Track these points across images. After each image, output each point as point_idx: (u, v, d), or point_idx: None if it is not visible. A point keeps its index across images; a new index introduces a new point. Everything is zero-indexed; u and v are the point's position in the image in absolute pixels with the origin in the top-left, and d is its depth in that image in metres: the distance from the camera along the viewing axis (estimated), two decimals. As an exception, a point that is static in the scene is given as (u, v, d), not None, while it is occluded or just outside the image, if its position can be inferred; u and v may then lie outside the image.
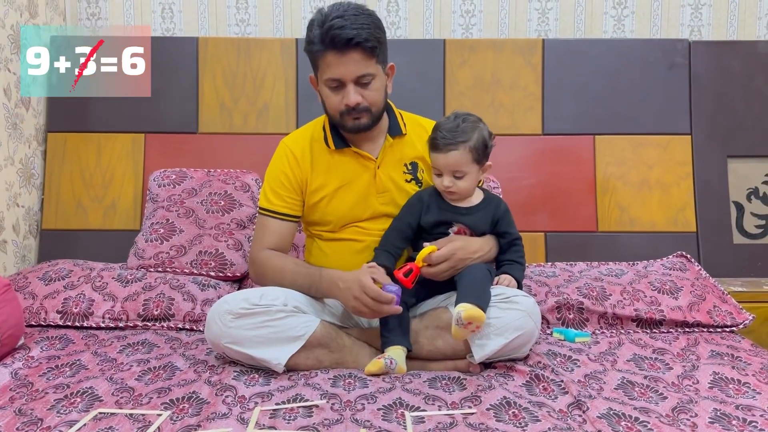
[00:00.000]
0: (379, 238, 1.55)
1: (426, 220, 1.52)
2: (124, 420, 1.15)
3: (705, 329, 1.72)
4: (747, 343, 1.61)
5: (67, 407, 1.22)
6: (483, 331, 1.36)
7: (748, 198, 2.30)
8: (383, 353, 1.40)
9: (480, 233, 1.53)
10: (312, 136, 1.62)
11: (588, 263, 2.00)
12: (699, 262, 2.15)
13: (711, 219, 2.24)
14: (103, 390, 1.30)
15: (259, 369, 1.39)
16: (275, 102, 2.30)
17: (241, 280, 1.97)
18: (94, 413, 1.18)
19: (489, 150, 1.50)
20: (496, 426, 1.13)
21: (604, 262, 2.03)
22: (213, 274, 1.90)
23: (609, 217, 2.25)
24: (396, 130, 1.61)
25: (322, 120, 1.64)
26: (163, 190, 2.07)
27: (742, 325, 1.72)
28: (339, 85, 1.48)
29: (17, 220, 2.11)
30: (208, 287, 1.82)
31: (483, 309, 1.33)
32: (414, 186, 1.60)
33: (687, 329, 1.72)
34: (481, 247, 1.50)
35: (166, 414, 1.17)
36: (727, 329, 1.72)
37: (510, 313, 1.37)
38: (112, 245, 2.15)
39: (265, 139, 2.18)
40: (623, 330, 1.71)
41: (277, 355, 1.37)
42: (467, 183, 1.49)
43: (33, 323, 1.70)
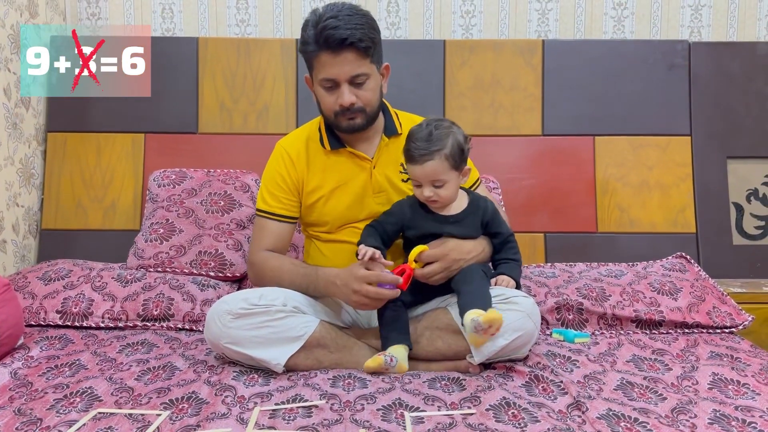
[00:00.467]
0: None
1: (412, 234, 1.49)
2: (123, 420, 1.15)
3: (704, 330, 1.71)
4: (746, 344, 1.61)
5: (67, 407, 1.22)
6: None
7: (747, 199, 2.30)
8: (384, 352, 1.40)
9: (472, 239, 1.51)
10: (308, 137, 1.62)
11: (588, 264, 1.99)
12: (699, 263, 2.15)
13: (711, 220, 2.24)
14: (103, 390, 1.30)
15: (259, 369, 1.39)
16: (275, 102, 2.30)
17: (241, 280, 1.97)
18: (93, 413, 1.18)
19: (466, 154, 1.45)
20: (495, 426, 1.13)
21: (603, 263, 2.03)
22: (212, 274, 1.90)
23: (609, 218, 2.25)
24: (392, 129, 1.61)
25: (317, 121, 1.64)
26: (163, 190, 2.07)
27: (741, 326, 1.72)
28: (333, 86, 1.48)
29: (17, 219, 2.11)
30: (207, 287, 1.82)
31: None
32: (410, 185, 1.59)
33: (686, 330, 1.71)
34: (474, 248, 1.49)
35: (165, 414, 1.17)
36: (727, 330, 1.72)
37: (510, 314, 1.37)
38: (111, 245, 2.15)
39: (265, 140, 2.16)
40: (623, 331, 1.71)
41: (277, 356, 1.37)
42: (448, 191, 1.45)
43: (32, 323, 1.70)
